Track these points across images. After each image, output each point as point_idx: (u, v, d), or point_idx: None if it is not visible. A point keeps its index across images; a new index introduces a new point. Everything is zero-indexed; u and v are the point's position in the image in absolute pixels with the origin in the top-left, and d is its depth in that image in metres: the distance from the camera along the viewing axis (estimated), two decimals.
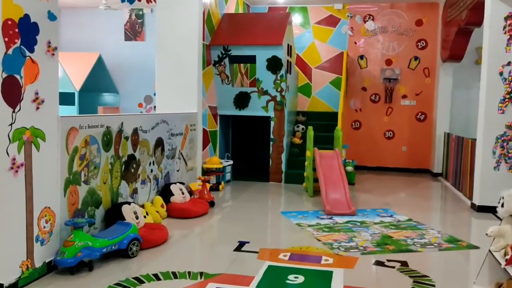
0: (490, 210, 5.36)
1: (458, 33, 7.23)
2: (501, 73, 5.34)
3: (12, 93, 2.82)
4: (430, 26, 8.64)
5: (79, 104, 8.68)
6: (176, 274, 3.30)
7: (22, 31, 2.87)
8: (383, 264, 3.63)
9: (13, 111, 2.83)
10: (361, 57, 8.91)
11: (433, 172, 8.43)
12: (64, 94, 8.60)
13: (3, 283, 2.81)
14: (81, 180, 3.62)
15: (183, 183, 5.40)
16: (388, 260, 3.69)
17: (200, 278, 3.24)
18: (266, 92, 7.18)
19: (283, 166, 7.30)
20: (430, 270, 3.56)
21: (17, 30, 2.83)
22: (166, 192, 5.10)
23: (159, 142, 5.16)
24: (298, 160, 7.33)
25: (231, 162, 7.29)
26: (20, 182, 2.93)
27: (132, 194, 4.52)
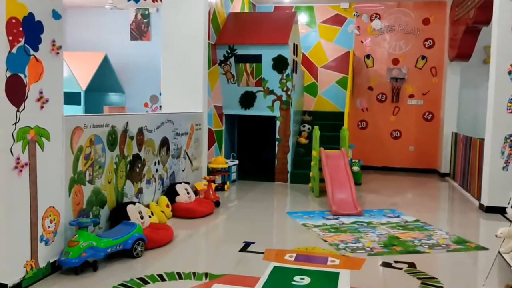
0: (499, 211, 5.30)
1: (466, 32, 7.16)
2: (509, 72, 5.27)
3: (16, 92, 2.81)
4: (438, 25, 8.57)
5: (85, 103, 8.69)
6: (181, 275, 3.27)
7: (26, 29, 2.86)
8: (390, 265, 3.58)
9: (17, 110, 2.82)
10: (368, 56, 8.85)
11: (441, 172, 8.36)
12: (70, 94, 8.62)
13: (7, 283, 2.79)
14: (86, 179, 3.60)
15: (188, 183, 5.38)
16: (396, 262, 3.65)
17: (205, 279, 3.21)
18: (271, 92, 7.15)
19: (289, 166, 7.26)
20: (438, 271, 3.51)
21: (21, 28, 2.81)
22: (171, 192, 5.08)
23: (164, 142, 5.14)
24: (304, 160, 7.29)
25: (237, 162, 7.26)
26: (25, 182, 2.92)
27: (137, 193, 4.50)
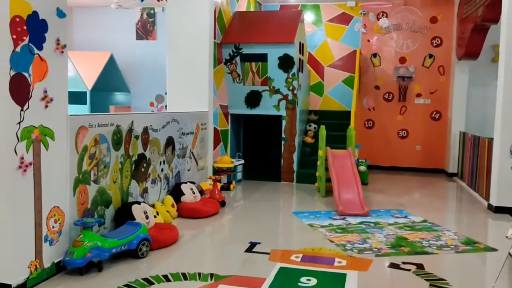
0: (508, 211, 5.23)
1: (474, 30, 7.08)
2: None
3: (20, 91, 2.79)
4: (445, 23, 8.48)
5: (91, 103, 8.69)
6: (186, 276, 3.24)
7: (31, 28, 2.83)
8: (398, 266, 3.53)
9: (22, 110, 2.80)
10: (374, 55, 8.78)
11: (448, 172, 8.28)
12: (76, 93, 8.63)
13: (11, 284, 2.77)
14: (90, 179, 3.58)
15: (193, 183, 5.36)
16: (403, 263, 3.59)
17: (211, 280, 3.18)
18: (277, 91, 7.10)
19: (295, 166, 7.21)
20: (446, 273, 3.46)
21: (25, 27, 2.79)
22: (176, 191, 5.05)
23: (169, 141, 5.11)
24: (310, 160, 7.24)
25: (242, 161, 7.23)
26: (29, 182, 2.90)
27: (142, 193, 4.48)
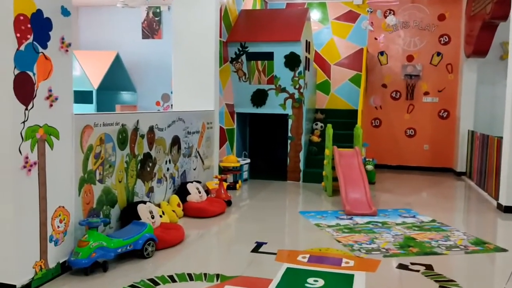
0: None
1: (482, 27, 6.99)
2: None
3: (24, 90, 2.76)
4: (453, 21, 8.39)
5: (97, 102, 8.69)
6: (192, 276, 3.21)
7: (35, 26, 2.81)
8: (406, 267, 3.47)
9: (26, 109, 2.78)
10: (382, 53, 8.71)
11: (457, 171, 8.19)
12: (82, 93, 8.64)
13: (16, 284, 2.76)
14: (96, 179, 3.56)
15: (199, 182, 5.33)
16: (412, 263, 3.54)
17: (217, 281, 3.14)
18: (284, 90, 7.06)
19: (301, 165, 7.17)
20: (456, 274, 3.41)
21: (29, 25, 2.76)
22: (182, 191, 5.02)
23: (175, 140, 5.08)
24: (316, 159, 7.19)
25: (248, 160, 7.19)
26: (34, 181, 2.88)
27: (148, 193, 4.45)
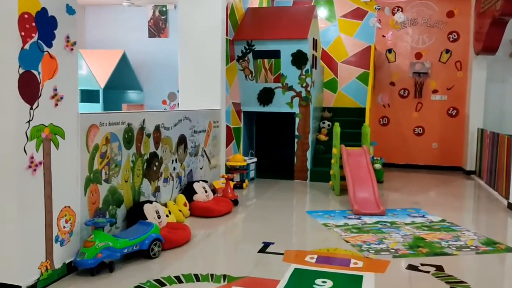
0: None
1: (492, 24, 6.89)
2: None
3: (29, 89, 2.74)
4: (462, 18, 8.29)
5: (104, 101, 8.69)
6: (199, 277, 3.18)
7: (40, 25, 2.78)
8: (416, 268, 3.41)
9: (31, 108, 2.75)
10: (389, 50, 8.63)
11: (466, 170, 8.10)
12: (89, 92, 8.65)
13: (21, 285, 2.73)
14: (102, 178, 3.53)
15: (206, 181, 5.29)
16: (422, 264, 3.48)
17: (224, 281, 3.11)
18: (290, 88, 7.00)
19: (309, 164, 7.11)
20: (467, 275, 3.34)
21: (34, 24, 2.74)
22: (189, 190, 4.99)
23: (181, 140, 5.05)
24: (324, 158, 7.13)
25: (255, 159, 7.15)
26: (39, 181, 2.85)
27: (154, 192, 4.43)
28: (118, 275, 3.19)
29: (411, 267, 3.44)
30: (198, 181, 5.15)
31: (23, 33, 2.66)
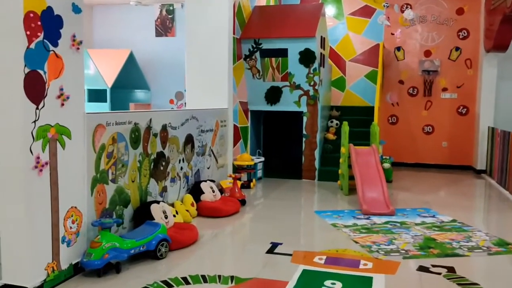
0: None
1: (503, 21, 6.79)
2: None
3: (35, 89, 2.72)
4: (472, 15, 8.18)
5: (111, 101, 8.70)
6: (206, 278, 3.14)
7: (45, 24, 2.76)
8: (427, 269, 3.35)
9: (37, 108, 2.73)
10: (398, 48, 8.54)
11: (476, 169, 7.99)
12: (96, 91, 8.65)
13: (27, 286, 2.71)
14: (108, 178, 3.51)
15: (213, 181, 5.26)
16: (433, 266, 3.42)
17: (231, 283, 3.07)
18: (298, 87, 6.95)
19: (317, 163, 7.05)
20: (479, 277, 3.28)
21: (39, 23, 2.71)
22: (196, 190, 4.96)
23: (189, 139, 5.02)
24: (332, 157, 7.07)
25: (263, 159, 7.11)
26: (45, 182, 2.83)
27: (161, 192, 4.40)
28: (125, 276, 3.17)
29: (422, 269, 3.38)
30: (205, 181, 5.12)
31: (28, 32, 2.64)
